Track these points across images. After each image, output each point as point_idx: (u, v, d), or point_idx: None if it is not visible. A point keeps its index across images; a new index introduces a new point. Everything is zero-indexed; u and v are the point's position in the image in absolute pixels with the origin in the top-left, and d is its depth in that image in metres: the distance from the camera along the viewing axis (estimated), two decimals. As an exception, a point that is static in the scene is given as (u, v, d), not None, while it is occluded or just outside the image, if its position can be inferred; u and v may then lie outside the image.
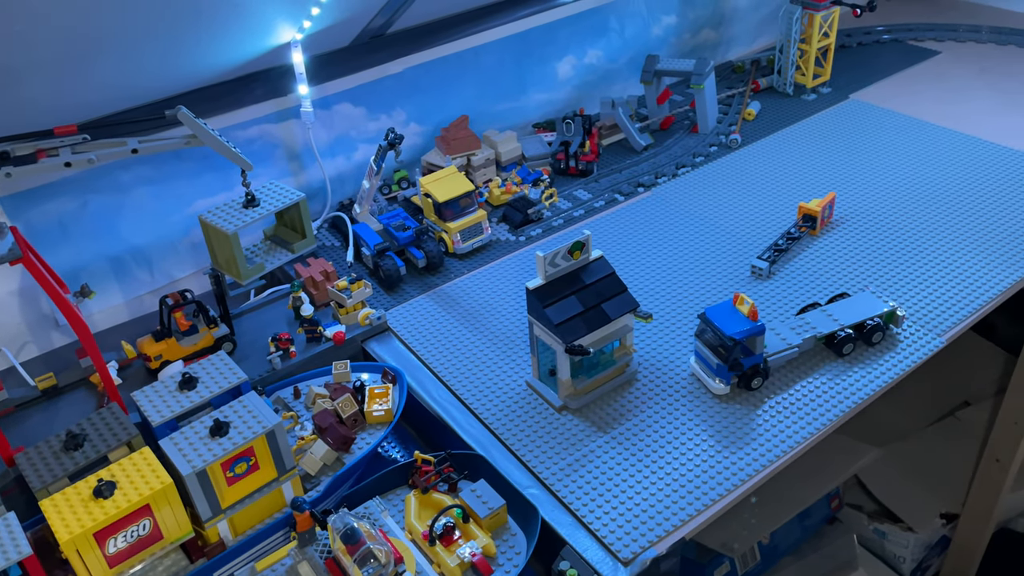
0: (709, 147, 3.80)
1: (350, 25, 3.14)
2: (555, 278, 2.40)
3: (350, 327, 2.87)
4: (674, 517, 2.14)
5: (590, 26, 4.05)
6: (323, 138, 3.43)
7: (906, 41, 4.68)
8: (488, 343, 2.80)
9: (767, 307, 2.80)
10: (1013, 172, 3.38)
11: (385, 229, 3.18)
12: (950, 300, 2.73)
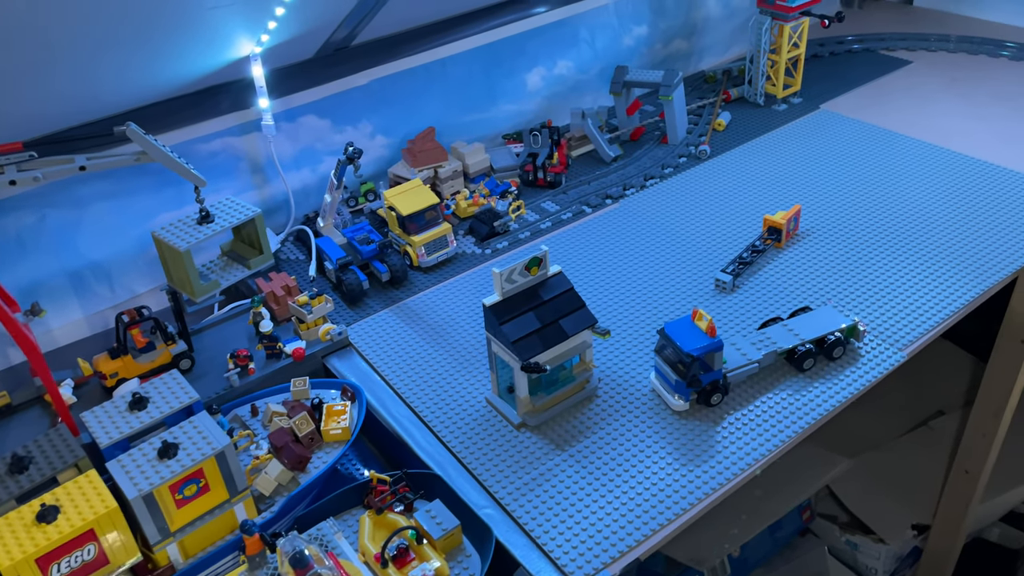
0: (678, 158, 3.79)
1: (312, 37, 3.12)
2: (512, 294, 2.37)
3: (311, 343, 2.84)
4: (628, 538, 2.11)
5: (560, 37, 4.04)
6: (288, 151, 3.40)
7: (878, 51, 4.69)
8: (450, 358, 2.77)
9: (730, 321, 2.79)
10: (978, 183, 3.38)
11: (349, 243, 3.15)
12: (912, 314, 2.72)
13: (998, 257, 2.95)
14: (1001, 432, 3.31)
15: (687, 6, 4.42)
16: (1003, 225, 3.11)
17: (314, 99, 3.38)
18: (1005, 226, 3.11)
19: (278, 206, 3.43)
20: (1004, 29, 4.74)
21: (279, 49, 3.04)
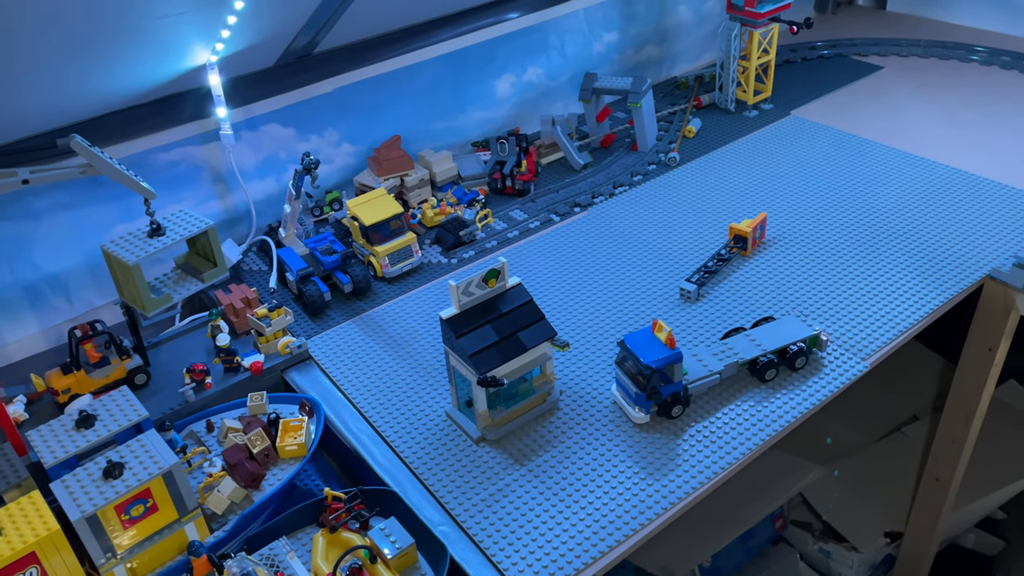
0: (648, 165, 3.77)
1: (272, 45, 3.07)
2: (470, 307, 2.34)
3: (270, 356, 2.79)
4: (585, 554, 2.08)
5: (530, 44, 4.01)
6: (250, 160, 3.35)
7: (850, 56, 4.68)
8: (412, 371, 2.73)
9: (694, 331, 2.76)
10: (947, 189, 3.37)
11: (311, 253, 3.10)
12: (876, 323, 2.70)
13: (965, 264, 2.94)
14: (971, 439, 3.30)
15: (658, 12, 4.40)
16: (970, 232, 3.10)
17: (277, 107, 3.33)
18: (972, 233, 3.10)
19: (241, 216, 3.38)
20: (975, 33, 4.75)
21: (238, 57, 2.99)
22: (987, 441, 4.00)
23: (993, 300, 2.90)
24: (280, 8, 2.82)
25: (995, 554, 4.38)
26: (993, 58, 4.44)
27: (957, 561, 4.32)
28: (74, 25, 2.38)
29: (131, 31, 2.50)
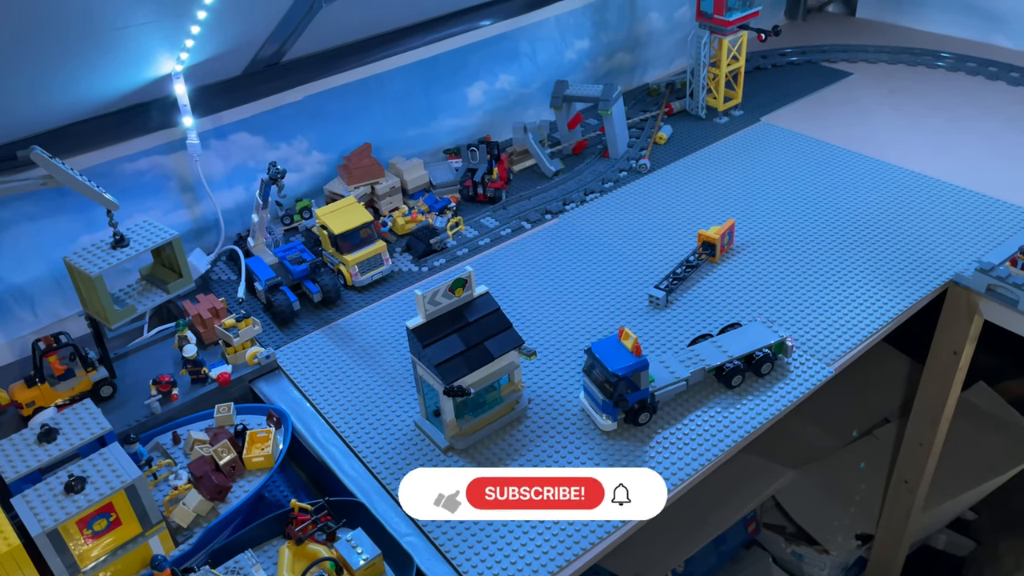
0: (619, 172, 3.78)
1: (239, 54, 3.06)
2: (437, 316, 2.34)
3: (238, 367, 2.78)
4: (551, 563, 2.08)
5: (501, 51, 4.02)
6: (219, 168, 3.33)
7: (820, 62, 4.73)
8: (381, 381, 2.72)
9: (662, 338, 2.78)
10: (912, 194, 3.41)
11: (280, 262, 3.09)
12: (841, 328, 2.73)
13: (928, 269, 2.97)
14: (938, 442, 3.33)
15: (629, 20, 4.43)
16: (934, 236, 3.14)
17: (245, 116, 3.32)
18: (936, 237, 3.14)
19: (210, 225, 3.36)
20: (941, 39, 4.81)
21: (205, 66, 2.97)
22: (956, 443, 4.04)
23: (957, 304, 2.94)
24: (245, 17, 2.81)
25: (966, 555, 4.43)
26: (959, 64, 4.50)
27: (928, 562, 4.36)
28: (36, 36, 2.36)
29: (93, 41, 2.48)
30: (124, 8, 2.43)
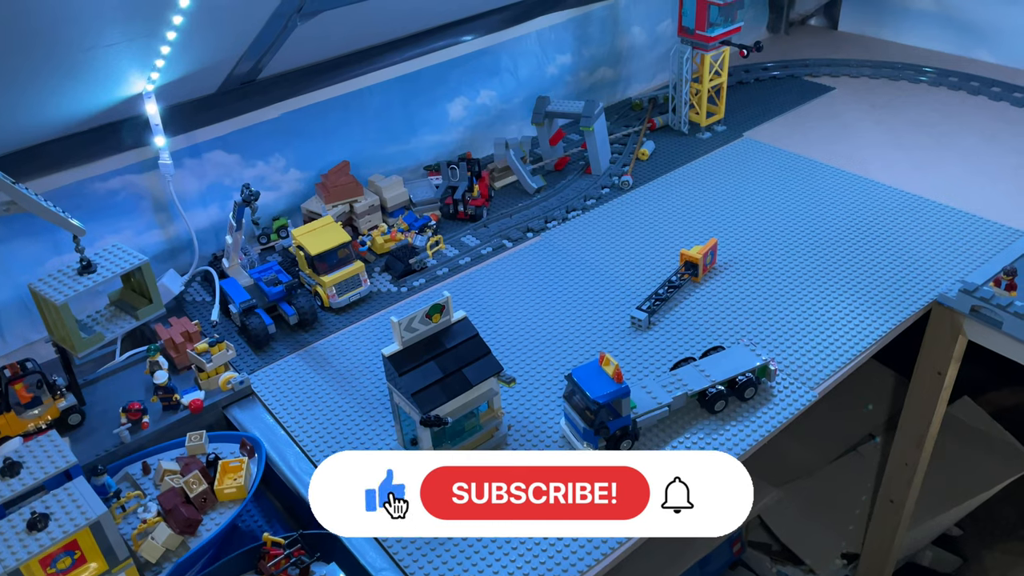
0: (601, 189, 3.75)
1: (213, 72, 3.00)
2: (413, 343, 2.28)
3: (211, 393, 2.71)
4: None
5: (482, 66, 3.98)
6: (194, 187, 3.27)
7: (802, 77, 4.72)
8: (358, 406, 2.66)
9: (644, 361, 2.73)
10: (894, 212, 3.40)
11: (255, 284, 3.03)
12: (824, 351, 2.70)
13: (912, 289, 2.95)
14: (924, 461, 3.31)
15: (611, 34, 4.40)
16: (918, 256, 3.12)
17: (221, 134, 3.26)
18: (920, 257, 3.11)
19: (184, 245, 3.29)
20: (923, 53, 4.82)
21: (179, 84, 2.91)
22: (942, 458, 4.02)
23: (941, 325, 2.91)
24: (218, 36, 2.75)
25: (952, 571, 4.41)
26: (941, 79, 4.50)
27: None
28: (2, 56, 2.30)
29: (60, 62, 2.42)
30: (91, 29, 2.37)
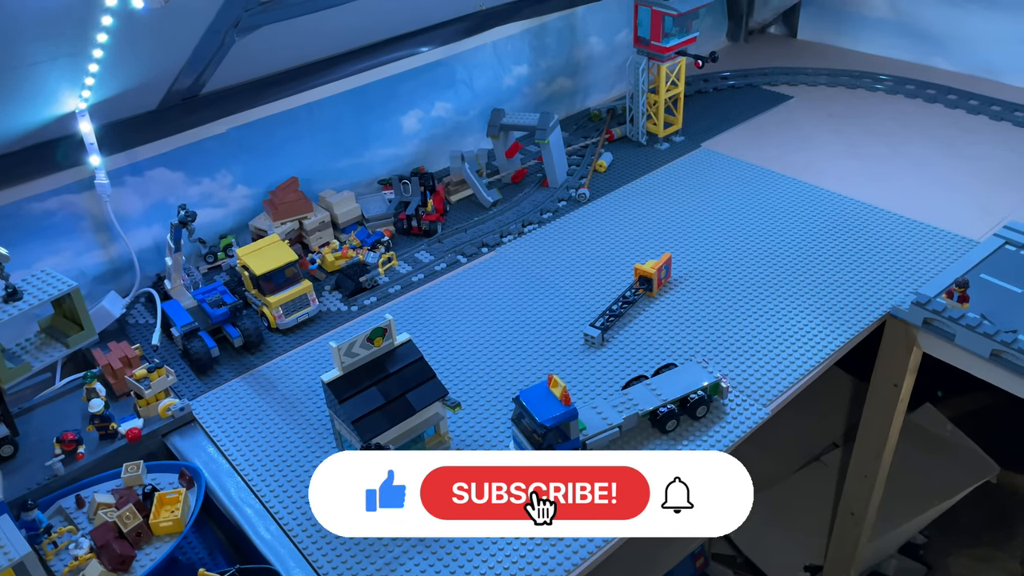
0: (558, 202, 3.70)
1: (151, 88, 2.91)
2: (354, 368, 2.22)
3: (150, 421, 2.62)
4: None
5: (436, 78, 3.92)
6: (136, 206, 3.18)
7: (761, 86, 4.71)
8: (303, 432, 2.59)
9: (597, 379, 2.68)
10: (849, 223, 3.38)
11: (199, 306, 2.94)
12: (777, 367, 2.66)
13: (866, 302, 2.93)
14: (883, 473, 3.29)
15: (569, 44, 4.37)
16: (872, 267, 3.10)
17: (163, 151, 3.17)
18: (874, 268, 3.10)
19: (127, 266, 3.19)
20: (882, 61, 4.83)
21: (116, 101, 2.82)
22: (905, 467, 4.02)
23: (895, 337, 2.89)
24: (151, 52, 2.67)
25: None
26: (898, 87, 4.51)
27: (879, 588, 4.33)
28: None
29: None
30: (13, 48, 2.28)
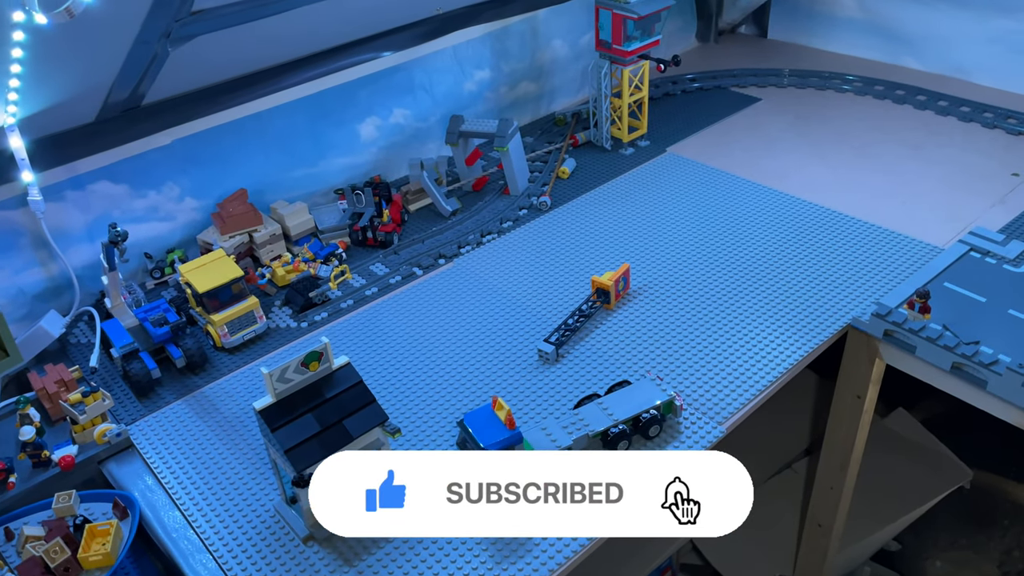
0: (519, 210, 3.61)
1: (86, 101, 2.81)
2: (288, 395, 2.12)
3: (86, 447, 2.52)
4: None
5: (395, 84, 3.82)
6: (78, 221, 3.07)
7: (729, 88, 4.64)
8: (244, 457, 2.49)
9: (549, 398, 2.60)
10: (813, 229, 3.31)
11: (140, 325, 2.84)
12: (735, 382, 2.59)
13: (827, 312, 2.86)
14: (849, 485, 3.23)
15: (532, 48, 4.28)
16: (834, 276, 3.03)
17: (105, 164, 3.06)
18: (836, 277, 3.03)
19: (68, 284, 3.09)
20: (852, 61, 4.76)
21: (48, 115, 2.71)
22: (878, 473, 3.96)
23: (857, 348, 2.83)
24: (76, 66, 2.56)
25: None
26: (867, 88, 4.45)
27: (852, 596, 4.27)
28: None
29: None
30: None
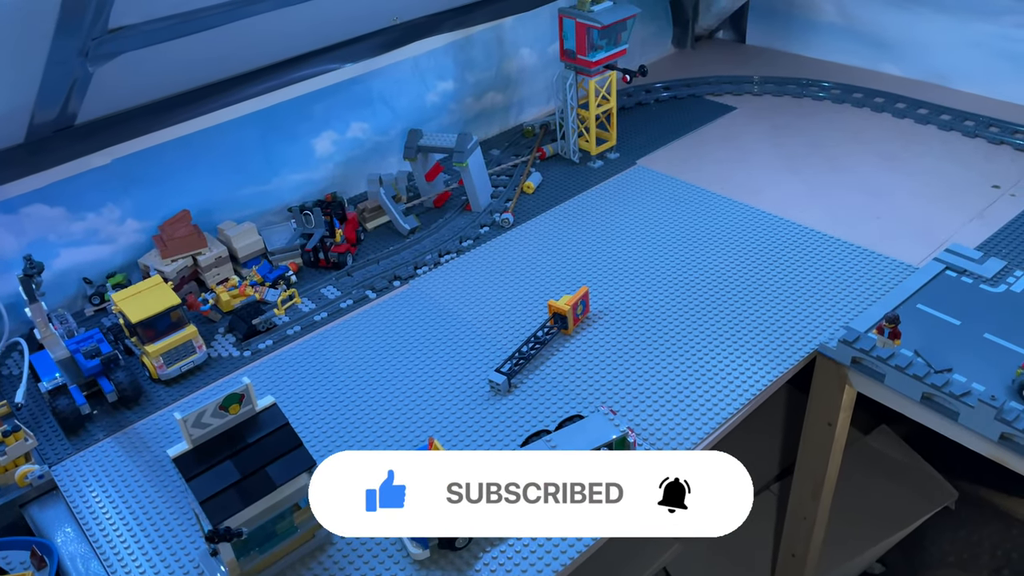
0: (480, 228, 3.47)
1: (10, 122, 2.67)
2: (206, 440, 1.98)
3: (6, 489, 2.38)
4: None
5: (352, 97, 3.68)
6: (11, 246, 2.93)
7: (704, 96, 4.50)
8: (173, 501, 2.35)
9: (497, 434, 2.46)
10: (784, 247, 3.17)
11: (71, 357, 2.69)
12: (695, 414, 2.45)
13: (795, 337, 2.72)
14: (823, 514, 3.09)
15: (498, 57, 4.14)
16: (803, 297, 2.90)
17: (39, 186, 2.93)
18: (806, 299, 2.89)
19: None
20: (832, 67, 4.62)
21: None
22: (859, 494, 3.83)
23: (827, 375, 2.69)
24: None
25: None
26: (845, 95, 4.32)
27: (833, 621, 4.13)
28: None
29: None
30: None
